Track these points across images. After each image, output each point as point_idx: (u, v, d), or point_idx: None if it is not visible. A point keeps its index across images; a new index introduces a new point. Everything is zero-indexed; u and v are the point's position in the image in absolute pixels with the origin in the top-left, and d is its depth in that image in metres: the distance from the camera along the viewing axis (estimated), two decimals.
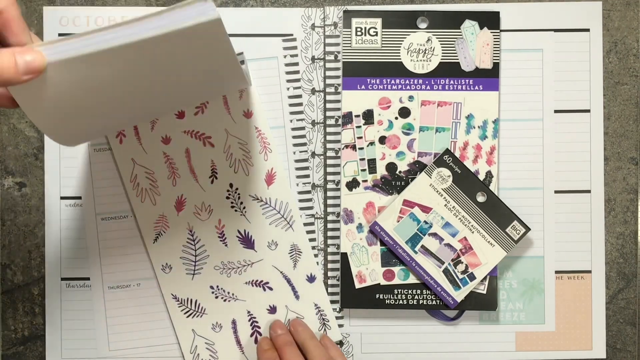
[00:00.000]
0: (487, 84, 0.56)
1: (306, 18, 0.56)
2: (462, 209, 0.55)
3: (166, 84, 0.44)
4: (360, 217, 0.56)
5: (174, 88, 0.45)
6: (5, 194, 0.56)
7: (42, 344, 0.56)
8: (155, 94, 0.45)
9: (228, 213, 0.56)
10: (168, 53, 0.38)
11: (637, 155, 0.57)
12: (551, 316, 0.57)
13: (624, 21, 0.57)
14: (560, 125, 0.57)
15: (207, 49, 0.39)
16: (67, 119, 0.42)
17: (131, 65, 0.39)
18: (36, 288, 0.56)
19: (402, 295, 0.56)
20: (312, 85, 0.57)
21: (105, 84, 0.40)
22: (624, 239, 0.57)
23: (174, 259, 0.56)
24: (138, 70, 0.40)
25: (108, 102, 0.42)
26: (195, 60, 0.41)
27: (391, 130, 0.56)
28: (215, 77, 0.46)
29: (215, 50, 0.40)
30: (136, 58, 0.38)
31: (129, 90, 0.42)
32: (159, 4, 0.56)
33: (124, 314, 0.56)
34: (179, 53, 0.39)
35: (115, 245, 0.56)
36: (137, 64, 0.39)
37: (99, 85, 0.39)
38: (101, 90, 0.40)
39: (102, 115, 0.44)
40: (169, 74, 0.42)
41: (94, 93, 0.40)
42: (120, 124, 0.51)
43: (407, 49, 0.56)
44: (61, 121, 0.42)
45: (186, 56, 0.40)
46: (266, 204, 0.56)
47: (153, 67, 0.40)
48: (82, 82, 0.38)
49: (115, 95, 0.42)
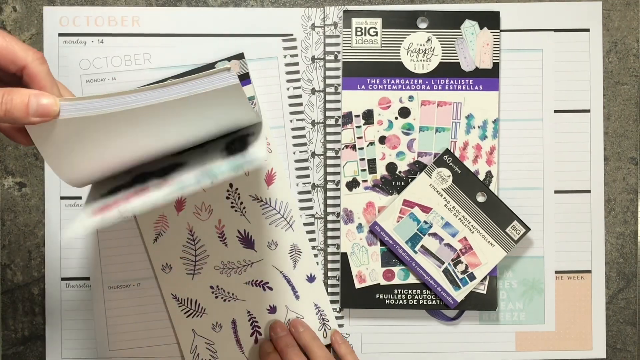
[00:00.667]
0: (487, 84, 0.56)
1: (306, 18, 0.56)
2: (462, 209, 0.55)
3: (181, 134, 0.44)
4: (360, 217, 0.56)
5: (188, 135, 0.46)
6: (5, 194, 0.56)
7: (42, 344, 0.56)
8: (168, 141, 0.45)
9: (228, 213, 0.56)
10: (186, 111, 0.39)
11: (637, 155, 0.57)
12: (551, 316, 0.57)
13: (624, 21, 0.57)
14: (560, 125, 0.57)
15: (224, 105, 0.41)
16: (80, 166, 0.42)
17: (151, 122, 0.39)
18: (36, 288, 0.56)
19: (402, 295, 0.56)
20: (312, 85, 0.57)
21: (124, 137, 0.40)
22: (624, 239, 0.57)
23: (174, 259, 0.56)
24: (157, 125, 0.40)
25: (124, 152, 0.43)
26: (212, 114, 0.42)
27: (391, 130, 0.56)
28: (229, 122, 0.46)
29: (232, 106, 0.41)
30: (156, 116, 0.39)
31: (145, 141, 0.42)
32: (159, 4, 0.56)
33: (124, 314, 0.56)
34: (197, 110, 0.40)
35: (115, 245, 0.56)
36: (156, 121, 0.40)
37: (117, 138, 0.40)
38: (118, 142, 0.41)
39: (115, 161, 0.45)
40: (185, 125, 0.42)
41: (112, 144, 0.41)
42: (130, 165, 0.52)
43: (407, 49, 0.56)
44: (75, 167, 0.42)
45: (203, 112, 0.41)
46: (266, 204, 0.56)
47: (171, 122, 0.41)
48: (101, 135, 0.39)
49: (132, 147, 0.42)
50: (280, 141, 0.56)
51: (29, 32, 0.56)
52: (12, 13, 0.56)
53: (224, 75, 0.38)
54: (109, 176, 0.45)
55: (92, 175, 0.44)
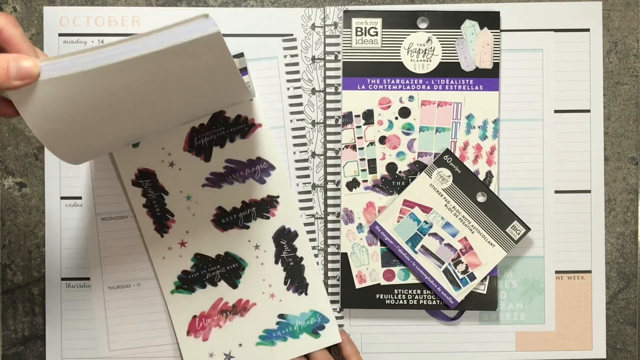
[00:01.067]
0: (487, 84, 0.56)
1: (306, 18, 0.56)
2: (462, 209, 0.55)
3: (168, 99, 0.43)
4: (360, 217, 0.56)
5: (176, 103, 0.45)
6: (5, 194, 0.56)
7: (42, 344, 0.56)
8: (157, 109, 0.44)
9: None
10: (169, 67, 0.39)
11: (637, 155, 0.57)
12: (551, 316, 0.57)
13: (624, 21, 0.57)
14: (560, 125, 0.57)
15: (207, 63, 0.40)
16: (68, 134, 0.42)
17: (132, 80, 0.39)
18: (36, 288, 0.56)
19: (402, 295, 0.56)
20: (312, 85, 0.57)
21: (107, 98, 0.40)
22: (624, 239, 0.57)
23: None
24: (140, 85, 0.40)
25: (111, 117, 0.42)
26: (197, 74, 0.41)
27: (391, 130, 0.56)
28: (217, 90, 0.45)
29: (215, 63, 0.40)
30: (137, 73, 0.38)
31: (131, 105, 0.42)
32: (159, 4, 0.56)
33: (124, 314, 0.56)
34: (180, 67, 0.39)
35: (115, 245, 0.56)
36: (138, 79, 0.39)
37: (101, 100, 0.39)
38: (103, 105, 0.40)
39: (105, 131, 0.44)
40: (171, 88, 0.42)
41: (96, 107, 0.40)
42: (124, 140, 0.51)
43: (407, 49, 0.56)
44: (63, 135, 0.41)
45: (187, 70, 0.40)
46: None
47: (154, 82, 0.40)
48: (84, 96, 0.38)
49: (117, 109, 0.42)
50: (280, 141, 0.56)
51: (29, 32, 0.56)
52: (12, 13, 0.56)
53: (202, 22, 0.35)
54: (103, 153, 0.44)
55: (84, 149, 0.44)
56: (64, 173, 0.56)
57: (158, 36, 0.36)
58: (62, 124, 0.40)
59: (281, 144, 0.56)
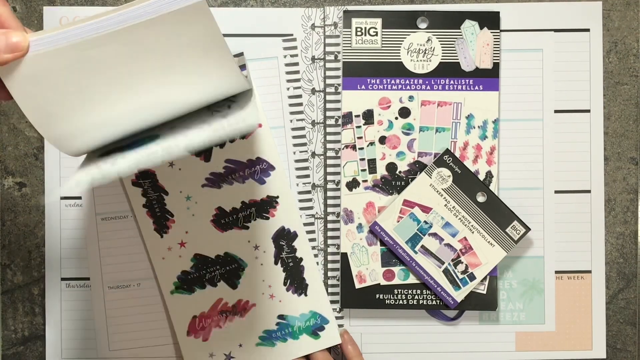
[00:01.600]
0: (487, 84, 0.56)
1: (306, 18, 0.56)
2: (462, 209, 0.55)
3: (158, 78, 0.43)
4: (360, 217, 0.56)
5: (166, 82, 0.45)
6: (5, 194, 0.56)
7: (42, 344, 0.56)
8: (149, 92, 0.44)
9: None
10: (158, 41, 0.39)
11: (637, 155, 0.57)
12: (551, 316, 0.57)
13: (624, 21, 0.57)
14: (560, 125, 0.57)
15: (196, 36, 0.40)
16: (60, 116, 0.41)
17: (120, 54, 0.39)
18: (36, 288, 0.56)
19: (402, 295, 0.56)
20: (312, 85, 0.57)
21: (98, 76, 0.40)
22: (624, 239, 0.57)
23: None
24: (129, 62, 0.40)
25: (102, 100, 0.42)
26: (187, 50, 0.41)
27: (391, 130, 0.56)
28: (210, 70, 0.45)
29: (205, 36, 0.40)
30: (125, 47, 0.38)
31: (121, 85, 0.42)
32: None
33: (124, 314, 0.56)
34: (168, 41, 0.39)
35: (115, 245, 0.56)
36: (126, 53, 0.39)
37: (91, 78, 0.40)
38: (94, 84, 0.40)
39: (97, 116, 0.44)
40: (161, 66, 0.42)
41: (87, 86, 0.40)
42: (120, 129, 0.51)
43: (407, 49, 0.56)
44: (54, 118, 0.41)
45: (177, 46, 0.40)
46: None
47: (143, 58, 0.40)
48: (73, 74, 0.39)
49: (108, 90, 0.42)
50: (280, 141, 0.56)
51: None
52: None
53: None
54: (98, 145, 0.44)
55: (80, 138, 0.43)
56: (64, 173, 0.56)
57: (143, 6, 0.37)
58: (53, 106, 0.40)
59: (281, 144, 0.56)
